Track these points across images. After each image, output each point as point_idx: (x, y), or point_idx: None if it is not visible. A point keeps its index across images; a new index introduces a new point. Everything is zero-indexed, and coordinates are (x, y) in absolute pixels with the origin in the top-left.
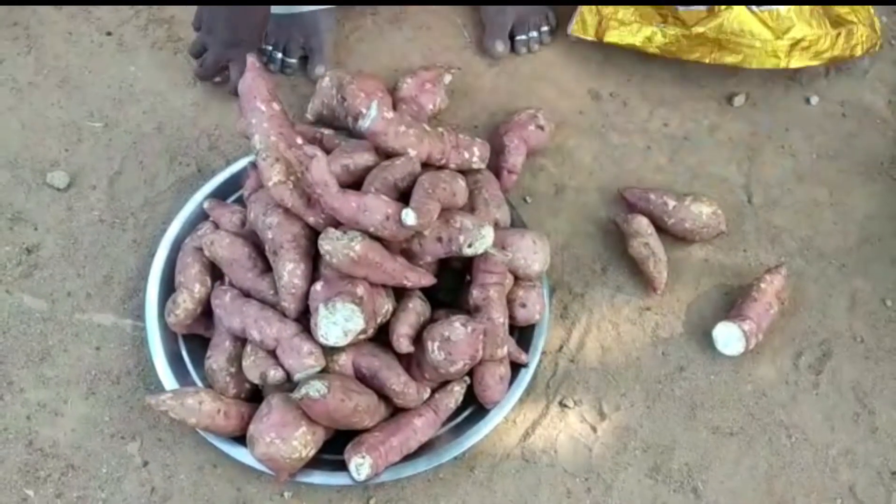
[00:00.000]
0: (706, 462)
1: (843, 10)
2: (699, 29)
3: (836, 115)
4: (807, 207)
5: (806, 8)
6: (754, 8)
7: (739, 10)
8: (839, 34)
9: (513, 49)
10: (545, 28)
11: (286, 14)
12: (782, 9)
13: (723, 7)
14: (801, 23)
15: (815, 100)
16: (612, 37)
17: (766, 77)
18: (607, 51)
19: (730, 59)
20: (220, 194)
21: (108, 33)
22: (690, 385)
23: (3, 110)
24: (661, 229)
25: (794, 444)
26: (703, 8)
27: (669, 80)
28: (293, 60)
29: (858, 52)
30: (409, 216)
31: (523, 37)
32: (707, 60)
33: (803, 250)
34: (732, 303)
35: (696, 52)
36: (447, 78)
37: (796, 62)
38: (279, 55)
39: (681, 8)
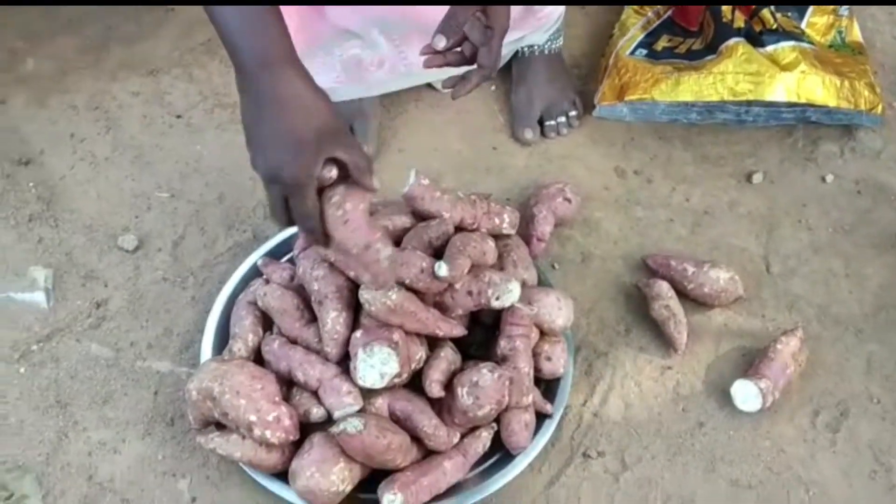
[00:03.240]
0: None
1: (843, 66)
2: (712, 70)
3: (852, 193)
4: (823, 277)
5: (809, 52)
6: (759, 50)
7: (744, 50)
8: (843, 82)
9: (543, 133)
10: (573, 113)
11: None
12: (787, 48)
13: (726, 52)
14: (806, 63)
15: (830, 178)
16: (632, 96)
17: (783, 157)
18: (632, 133)
19: (742, 88)
20: (272, 257)
21: (179, 116)
22: (710, 440)
23: (83, 182)
24: (681, 294)
25: (812, 498)
26: (711, 58)
27: (690, 160)
28: None
29: (863, 105)
30: (442, 268)
31: (552, 122)
32: (729, 98)
33: (820, 317)
34: (750, 363)
35: (713, 92)
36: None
37: (807, 95)
38: None
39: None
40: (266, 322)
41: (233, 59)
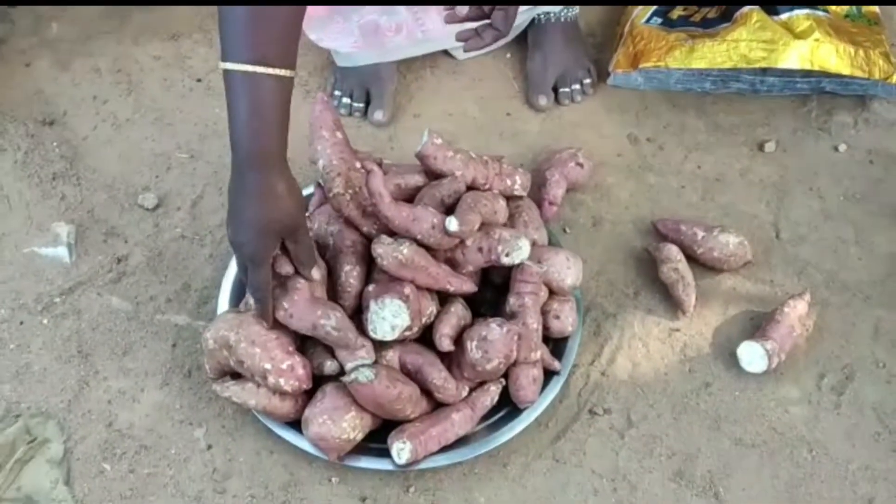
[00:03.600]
0: (728, 470)
1: (858, 35)
2: (726, 37)
3: (864, 163)
4: (833, 244)
5: (824, 20)
6: (773, 18)
7: (759, 18)
8: (857, 51)
9: (557, 100)
10: (587, 80)
11: (351, 67)
12: (801, 15)
13: (740, 19)
14: (821, 31)
15: (843, 148)
16: (646, 63)
17: (796, 126)
18: (646, 101)
19: (755, 55)
20: None
21: (199, 80)
22: (715, 400)
23: (105, 142)
24: (690, 258)
25: (815, 457)
26: (725, 25)
27: (703, 128)
28: (359, 105)
29: (877, 75)
30: (452, 223)
31: (566, 89)
32: (742, 65)
33: (829, 282)
34: (758, 327)
35: (727, 59)
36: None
37: (821, 63)
38: (347, 100)
39: (704, 29)
40: None
41: (231, 146)
